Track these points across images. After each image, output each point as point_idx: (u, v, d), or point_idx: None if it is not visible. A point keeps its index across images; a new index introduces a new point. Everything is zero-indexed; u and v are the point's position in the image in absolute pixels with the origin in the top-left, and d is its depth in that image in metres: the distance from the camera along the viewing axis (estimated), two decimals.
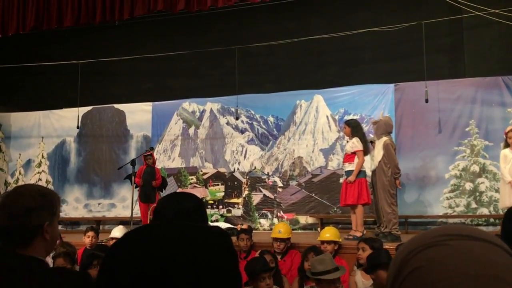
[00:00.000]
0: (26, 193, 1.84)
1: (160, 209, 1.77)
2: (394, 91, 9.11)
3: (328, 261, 4.35)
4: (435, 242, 0.71)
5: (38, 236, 1.82)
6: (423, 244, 0.72)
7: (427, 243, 0.72)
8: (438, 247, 0.70)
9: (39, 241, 1.82)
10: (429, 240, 0.72)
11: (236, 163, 10.14)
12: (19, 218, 1.77)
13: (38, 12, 8.13)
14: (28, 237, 1.80)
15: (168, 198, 1.92)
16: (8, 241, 1.79)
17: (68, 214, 10.81)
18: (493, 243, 0.68)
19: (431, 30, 8.69)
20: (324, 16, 10.24)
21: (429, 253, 0.70)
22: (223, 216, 9.81)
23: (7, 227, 1.78)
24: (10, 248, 1.78)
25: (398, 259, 0.74)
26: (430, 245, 0.71)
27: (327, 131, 9.66)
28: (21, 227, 1.78)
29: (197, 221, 1.79)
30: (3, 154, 11.50)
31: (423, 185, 8.86)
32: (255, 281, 4.33)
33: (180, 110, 10.62)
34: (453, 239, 0.70)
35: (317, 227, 9.07)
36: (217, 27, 10.73)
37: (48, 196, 1.91)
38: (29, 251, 1.79)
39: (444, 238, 0.71)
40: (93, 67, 10.32)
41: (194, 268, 0.75)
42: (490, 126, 8.64)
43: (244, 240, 6.46)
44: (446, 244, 0.70)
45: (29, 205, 1.80)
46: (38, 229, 1.82)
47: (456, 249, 0.69)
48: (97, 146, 11.07)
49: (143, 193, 8.51)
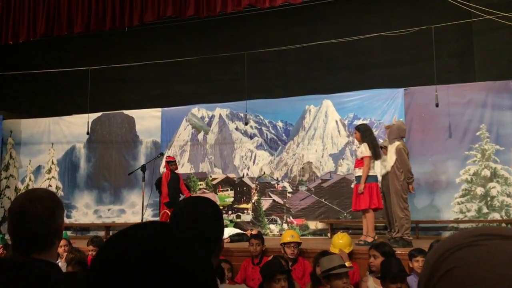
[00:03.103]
0: (44, 195, 1.83)
1: (180, 213, 1.77)
2: (404, 96, 9.07)
3: (335, 259, 4.38)
4: (469, 243, 0.70)
5: (57, 237, 1.82)
6: (457, 245, 0.71)
7: (460, 243, 0.71)
8: (472, 247, 0.69)
9: (56, 244, 1.82)
10: (463, 241, 0.71)
11: (245, 169, 10.12)
12: (46, 221, 1.77)
13: (49, 19, 8.19)
14: (50, 240, 1.78)
15: (186, 203, 1.92)
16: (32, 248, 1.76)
17: (78, 220, 10.85)
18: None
19: (440, 34, 8.65)
20: (333, 21, 10.24)
21: (463, 253, 0.69)
22: (232, 222, 9.79)
23: (37, 233, 1.75)
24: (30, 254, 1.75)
25: (431, 260, 0.73)
26: (463, 245, 0.70)
27: (336, 136, 9.63)
28: (47, 230, 1.77)
29: (215, 226, 1.79)
30: (14, 160, 11.56)
31: (434, 190, 8.80)
32: (270, 282, 4.33)
33: (189, 116, 10.63)
34: (486, 239, 0.69)
35: (327, 232, 9.04)
36: (226, 33, 10.76)
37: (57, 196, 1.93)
38: (48, 255, 1.77)
39: (478, 239, 0.70)
40: (103, 73, 10.37)
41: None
42: (501, 130, 8.58)
43: (254, 245, 6.45)
44: (480, 244, 0.69)
45: (52, 206, 1.80)
46: (59, 229, 1.82)
47: (490, 249, 0.68)
48: (107, 152, 11.09)
49: (172, 199, 8.43)
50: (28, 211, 1.76)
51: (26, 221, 1.75)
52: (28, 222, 1.75)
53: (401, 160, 6.65)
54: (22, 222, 1.76)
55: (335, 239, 6.21)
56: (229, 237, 8.01)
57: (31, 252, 1.75)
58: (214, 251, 1.76)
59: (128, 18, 7.77)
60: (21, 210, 1.78)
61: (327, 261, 4.38)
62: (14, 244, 1.81)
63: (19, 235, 1.78)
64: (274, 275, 4.32)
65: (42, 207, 1.77)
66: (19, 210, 1.78)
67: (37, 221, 1.75)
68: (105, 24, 7.90)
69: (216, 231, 1.79)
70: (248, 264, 6.45)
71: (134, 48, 11.12)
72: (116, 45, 11.22)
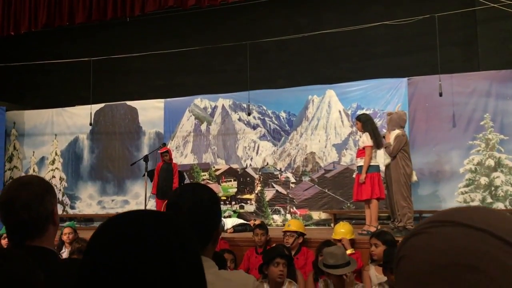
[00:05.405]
0: (32, 181, 1.80)
1: (177, 200, 1.75)
2: (408, 85, 9.02)
3: (339, 256, 4.36)
4: (420, 230, 0.69)
5: (50, 223, 1.79)
6: (412, 232, 0.70)
7: (414, 231, 0.70)
8: (420, 235, 0.68)
9: (51, 230, 1.79)
10: (417, 228, 0.70)
11: (249, 159, 10.12)
12: (35, 207, 1.73)
13: (50, 9, 8.17)
14: (42, 226, 1.75)
15: (183, 189, 1.89)
16: (23, 235, 1.73)
17: (81, 211, 10.88)
18: (480, 229, 0.63)
19: (444, 23, 8.58)
20: (336, 10, 10.17)
21: (412, 242, 0.69)
22: (235, 212, 9.79)
23: (26, 220, 1.72)
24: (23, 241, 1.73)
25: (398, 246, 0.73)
26: (415, 233, 0.69)
27: (339, 126, 9.60)
28: (37, 216, 1.74)
29: (213, 211, 1.77)
30: (17, 152, 11.59)
31: (438, 180, 8.77)
32: (269, 265, 4.34)
33: (192, 107, 10.62)
34: (435, 226, 0.67)
35: (330, 222, 9.03)
36: (228, 23, 10.71)
37: (48, 181, 1.89)
38: (43, 241, 1.75)
39: (429, 225, 0.68)
40: (105, 64, 10.36)
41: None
42: (505, 119, 8.52)
43: (258, 235, 6.47)
44: (427, 232, 0.67)
45: (40, 191, 1.77)
46: (50, 215, 1.78)
47: (434, 237, 0.66)
48: (110, 143, 11.11)
49: (160, 189, 8.56)
50: (15, 199, 1.73)
51: (14, 208, 1.72)
52: (16, 209, 1.72)
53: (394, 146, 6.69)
54: (10, 210, 1.74)
55: (337, 228, 6.25)
56: (232, 227, 8.03)
57: (23, 240, 1.72)
58: (212, 238, 1.75)
59: (129, 8, 7.74)
60: (8, 198, 1.75)
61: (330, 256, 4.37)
62: (7, 233, 1.79)
63: (9, 223, 1.75)
64: (273, 258, 4.34)
65: (28, 194, 1.74)
66: (7, 198, 1.76)
67: (25, 208, 1.72)
68: (107, 14, 7.87)
69: (214, 218, 1.77)
70: (251, 253, 6.47)
71: (136, 39, 11.09)
72: (118, 36, 11.19)
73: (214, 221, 1.77)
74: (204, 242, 1.70)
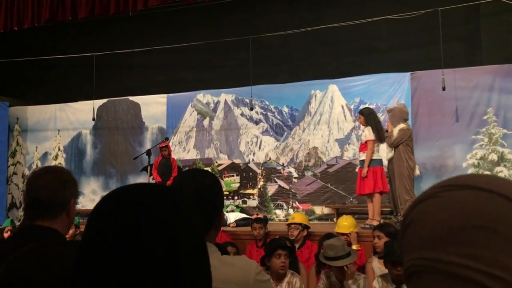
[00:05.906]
0: (58, 169, 2.01)
1: (178, 186, 1.75)
2: (411, 80, 9.00)
3: (339, 247, 4.35)
4: (430, 194, 0.68)
5: (64, 211, 1.90)
6: (421, 198, 0.69)
7: (424, 195, 0.69)
8: (431, 199, 0.67)
9: (64, 217, 1.90)
10: (427, 193, 0.70)
11: (251, 154, 10.12)
12: (53, 190, 1.87)
13: (53, 4, 8.16)
14: (56, 211, 1.87)
15: (184, 175, 1.89)
16: (36, 214, 1.86)
17: (85, 206, 10.89)
18: (493, 192, 0.63)
19: (447, 17, 8.54)
20: (338, 5, 10.13)
21: (422, 206, 0.68)
22: (238, 207, 9.80)
23: (42, 200, 1.85)
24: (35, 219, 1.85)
25: (405, 212, 0.72)
26: (425, 197, 0.69)
27: (342, 121, 9.58)
28: (53, 199, 1.86)
29: (215, 196, 1.77)
30: (20, 147, 11.62)
31: (441, 175, 8.74)
32: (271, 257, 4.33)
33: (194, 102, 10.62)
34: (447, 190, 0.67)
35: (333, 217, 9.03)
36: (231, 18, 10.69)
37: (73, 176, 2.03)
38: (53, 223, 1.85)
39: (440, 190, 0.68)
40: (108, 59, 10.35)
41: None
42: (509, 114, 8.50)
43: (257, 229, 6.48)
44: (439, 196, 0.67)
45: (62, 178, 1.92)
46: (66, 204, 1.90)
47: (446, 200, 0.66)
48: (113, 138, 11.13)
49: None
50: (39, 179, 1.89)
51: (35, 186, 1.88)
52: (37, 188, 1.87)
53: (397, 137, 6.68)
54: (32, 188, 1.89)
55: (340, 221, 6.24)
56: (235, 222, 8.03)
57: (35, 218, 1.85)
58: (215, 224, 1.75)
59: (132, 2, 7.72)
60: (34, 176, 1.92)
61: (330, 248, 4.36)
62: (24, 210, 1.98)
63: (28, 200, 1.90)
64: (275, 249, 4.33)
65: (52, 177, 1.89)
66: (33, 177, 1.92)
67: (45, 189, 1.86)
68: (109, 9, 7.86)
69: (216, 203, 1.77)
70: (252, 247, 6.48)
71: (138, 34, 11.09)
72: (121, 31, 11.19)
73: (216, 206, 1.77)
74: (206, 227, 1.69)
